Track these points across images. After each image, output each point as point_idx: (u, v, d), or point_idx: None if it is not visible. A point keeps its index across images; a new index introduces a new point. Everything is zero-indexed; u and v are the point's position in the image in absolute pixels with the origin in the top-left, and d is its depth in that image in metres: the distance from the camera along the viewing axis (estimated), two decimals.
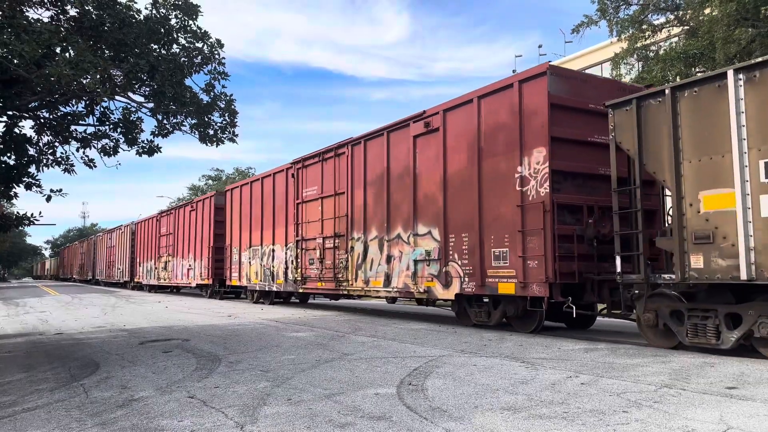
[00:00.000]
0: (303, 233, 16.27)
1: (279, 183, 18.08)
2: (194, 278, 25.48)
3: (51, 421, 4.96)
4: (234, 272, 21.11)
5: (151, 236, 32.81)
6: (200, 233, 24.96)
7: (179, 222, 27.94)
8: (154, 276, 31.75)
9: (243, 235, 20.42)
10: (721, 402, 5.02)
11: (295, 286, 16.68)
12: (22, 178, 10.02)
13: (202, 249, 24.69)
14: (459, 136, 11.30)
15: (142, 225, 35.19)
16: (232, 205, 21.53)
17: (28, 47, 6.89)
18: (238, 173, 54.50)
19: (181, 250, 27.47)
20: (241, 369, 7.12)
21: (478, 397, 5.41)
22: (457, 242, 11.14)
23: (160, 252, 30.63)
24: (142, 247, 34.70)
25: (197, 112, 9.42)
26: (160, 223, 31.05)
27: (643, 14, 17.77)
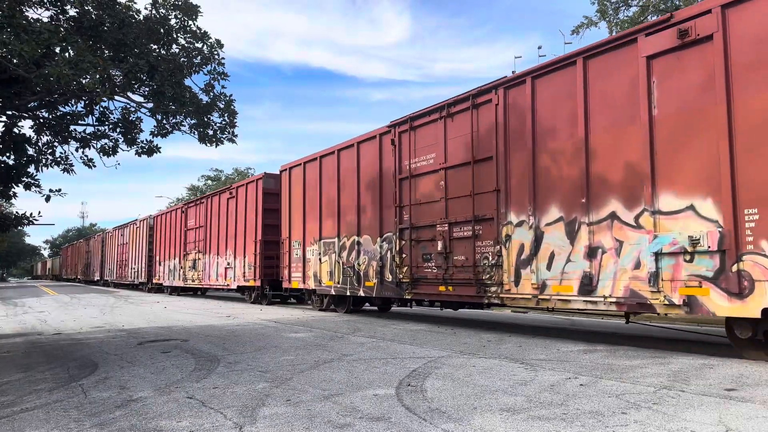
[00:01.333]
0: (412, 218, 12.25)
1: (367, 154, 13.91)
2: (234, 279, 21.39)
3: (49, 421, 4.95)
4: (295, 272, 16.97)
5: (174, 231, 28.51)
6: (243, 224, 20.85)
7: (212, 212, 23.75)
8: (179, 276, 27.49)
9: (309, 225, 16.34)
10: (720, 404, 5.02)
11: (398, 289, 12.56)
12: (22, 177, 10.03)
13: (245, 244, 20.55)
14: (758, 44, 7.00)
15: (162, 218, 30.83)
16: (292, 188, 17.36)
17: (27, 47, 6.88)
18: (237, 173, 54.52)
19: (215, 245, 23.33)
20: (239, 369, 7.11)
21: (477, 398, 5.40)
22: (764, 220, 6.81)
23: (187, 248, 26.43)
24: (162, 244, 30.53)
25: (196, 112, 9.41)
26: (187, 215, 26.72)
27: (642, 15, 17.79)
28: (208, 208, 24.29)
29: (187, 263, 26.40)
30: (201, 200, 25.43)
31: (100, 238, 48.46)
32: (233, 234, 21.62)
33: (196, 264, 25.26)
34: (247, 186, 21.01)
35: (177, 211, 28.48)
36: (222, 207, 22.85)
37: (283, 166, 17.98)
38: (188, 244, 26.35)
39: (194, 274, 25.40)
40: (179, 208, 28.11)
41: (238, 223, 21.26)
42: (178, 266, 27.77)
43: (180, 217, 27.69)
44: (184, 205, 27.51)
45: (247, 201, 20.72)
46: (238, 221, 21.26)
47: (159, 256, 30.96)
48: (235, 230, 21.49)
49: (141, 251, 34.67)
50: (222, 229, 22.71)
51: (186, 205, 27.18)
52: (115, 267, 41.58)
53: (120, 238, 40.50)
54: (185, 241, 26.74)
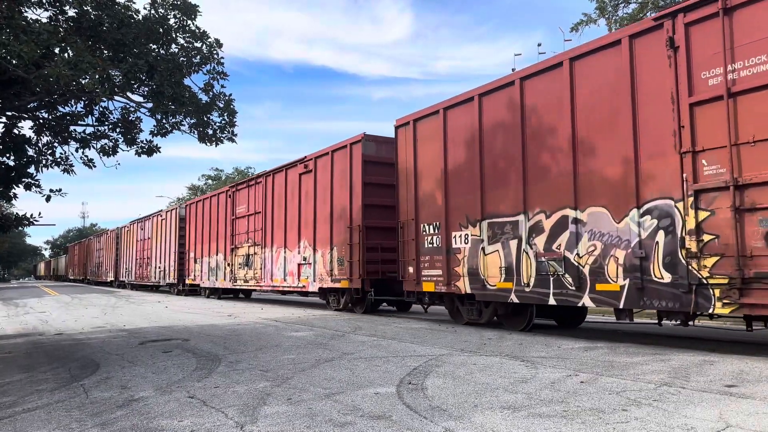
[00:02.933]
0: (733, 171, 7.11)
1: (601, 71, 8.77)
2: (314, 279, 16.38)
3: (51, 421, 4.96)
4: (430, 268, 11.85)
5: (216, 220, 23.65)
6: (327, 206, 15.80)
7: (275, 193, 18.86)
8: (225, 275, 22.51)
9: (455, 198, 11.37)
10: (720, 400, 5.03)
11: (691, 297, 7.42)
12: (22, 178, 10.03)
13: (331, 232, 15.56)
14: None
15: (198, 207, 26.02)
16: (419, 148, 12.34)
17: (26, 48, 6.88)
18: (237, 173, 54.58)
19: (280, 236, 18.29)
20: (241, 369, 7.12)
21: (477, 395, 5.41)
22: None
23: (236, 241, 21.52)
24: (198, 237, 25.59)
25: (196, 111, 9.42)
26: (235, 200, 21.80)
27: (642, 12, 17.78)
28: (267, 189, 19.29)
29: (236, 259, 21.33)
30: (256, 180, 20.29)
31: (114, 234, 43.60)
32: (310, 220, 16.53)
33: (250, 260, 20.16)
34: (334, 155, 15.72)
35: (220, 197, 23.46)
36: (291, 186, 17.86)
37: (401, 120, 12.92)
38: (238, 235, 21.31)
39: (247, 272, 20.37)
40: (223, 192, 23.15)
41: (320, 205, 16.22)
42: (222, 263, 22.71)
43: (225, 204, 22.68)
44: (230, 188, 22.52)
45: (334, 175, 15.68)
46: (320, 203, 16.24)
47: (194, 251, 25.91)
48: (315, 215, 16.37)
49: (168, 247, 29.61)
50: (291, 214, 17.65)
51: (234, 188, 22.09)
52: (134, 266, 36.78)
53: (139, 233, 35.65)
54: (233, 232, 21.63)
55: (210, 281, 24.31)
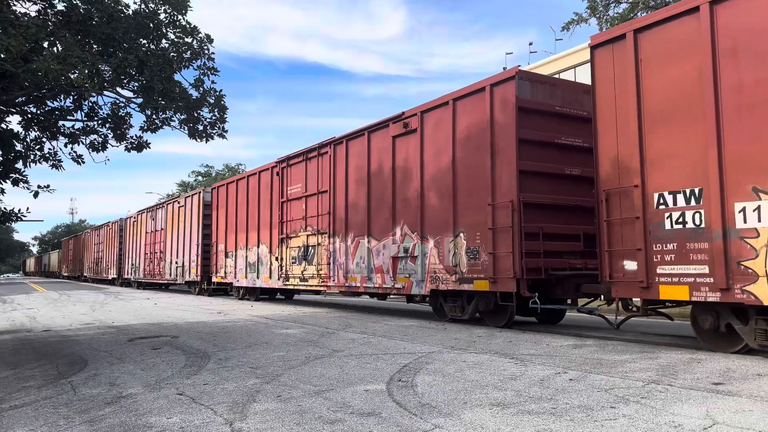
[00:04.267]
0: None
1: None
2: (421, 277, 11.89)
3: (38, 418, 4.92)
4: (686, 261, 7.51)
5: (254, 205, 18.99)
6: (449, 175, 11.42)
7: (359, 165, 13.99)
8: (271, 272, 17.74)
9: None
10: (707, 397, 5.07)
11: None
12: (9, 173, 9.93)
13: (455, 210, 11.21)
14: None
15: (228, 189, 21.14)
16: None
17: (14, 42, 6.81)
18: (228, 169, 54.38)
19: (360, 221, 13.88)
20: (230, 366, 7.10)
21: (467, 393, 5.43)
22: None
23: (287, 230, 16.92)
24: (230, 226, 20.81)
25: (186, 107, 9.36)
26: (287, 178, 17.10)
27: (632, 12, 17.86)
28: (337, 160, 14.78)
29: (287, 252, 16.90)
30: (319, 150, 15.48)
31: (117, 226, 39.04)
32: (414, 197, 12.07)
33: (309, 253, 15.78)
34: (457, 105, 11.31)
35: (262, 175, 18.66)
36: (378, 154, 13.28)
37: (604, 35, 8.83)
38: (290, 222, 16.83)
39: (306, 269, 15.86)
40: (267, 170, 18.32)
41: (431, 174, 11.79)
42: (266, 258, 18.11)
43: (269, 183, 18.05)
44: (278, 163, 17.59)
45: (458, 132, 11.25)
46: (430, 171, 11.81)
47: (225, 243, 21.23)
48: (422, 190, 11.94)
49: (188, 239, 25.15)
50: (379, 191, 13.19)
51: (284, 163, 17.26)
52: (142, 262, 32.32)
53: (149, 224, 31.27)
54: (283, 218, 17.11)
55: (248, 279, 19.41)
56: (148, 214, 31.86)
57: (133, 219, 35.01)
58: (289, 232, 16.89)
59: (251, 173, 19.65)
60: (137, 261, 33.54)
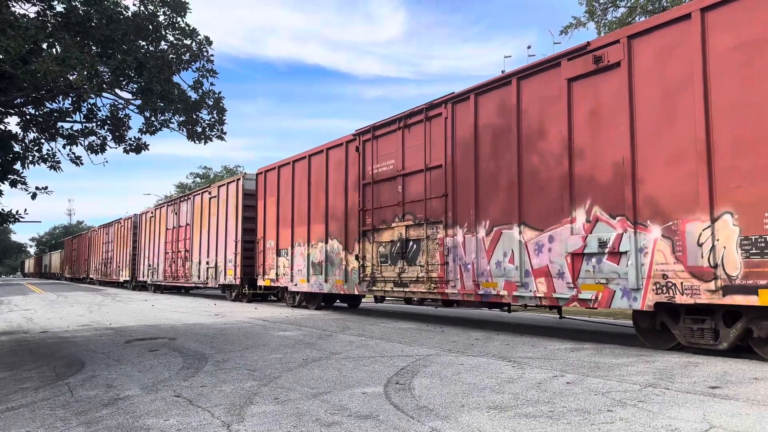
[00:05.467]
0: None
1: None
2: (638, 282, 8.02)
3: (35, 420, 4.92)
4: None
5: (319, 190, 15.50)
6: (699, 127, 7.50)
7: (506, 126, 10.30)
8: (346, 274, 14.21)
9: None
10: (704, 401, 5.08)
11: None
12: (7, 175, 9.92)
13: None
14: None
15: (281, 173, 17.52)
16: None
17: (13, 43, 6.81)
18: (226, 171, 54.36)
19: (502, 204, 10.26)
20: (227, 368, 7.10)
21: (464, 396, 5.43)
22: None
23: (373, 219, 13.36)
24: (281, 218, 17.26)
25: (185, 109, 9.37)
26: (370, 154, 13.65)
27: (630, 16, 17.92)
28: (458, 123, 11.20)
29: (373, 249, 13.19)
30: (426, 113, 11.92)
31: (130, 223, 35.32)
32: (625, 162, 8.33)
33: (409, 249, 12.20)
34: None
35: (331, 153, 15.07)
36: (537, 108, 9.74)
37: None
38: (377, 210, 13.19)
39: (404, 269, 12.23)
40: (339, 145, 14.65)
41: (666, 129, 7.96)
42: (338, 255, 14.48)
43: (343, 162, 14.40)
44: (356, 137, 13.99)
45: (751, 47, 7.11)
46: (665, 122, 7.97)
47: (275, 239, 17.43)
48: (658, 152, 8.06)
49: (222, 235, 21.50)
50: (549, 160, 9.51)
51: (367, 134, 13.64)
52: (162, 263, 28.43)
53: (171, 219, 27.47)
54: (366, 204, 13.55)
55: (312, 283, 15.56)
56: (169, 207, 27.84)
57: (150, 214, 31.19)
58: (376, 222, 13.19)
59: (315, 151, 15.85)
60: (155, 261, 29.66)
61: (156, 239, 29.72)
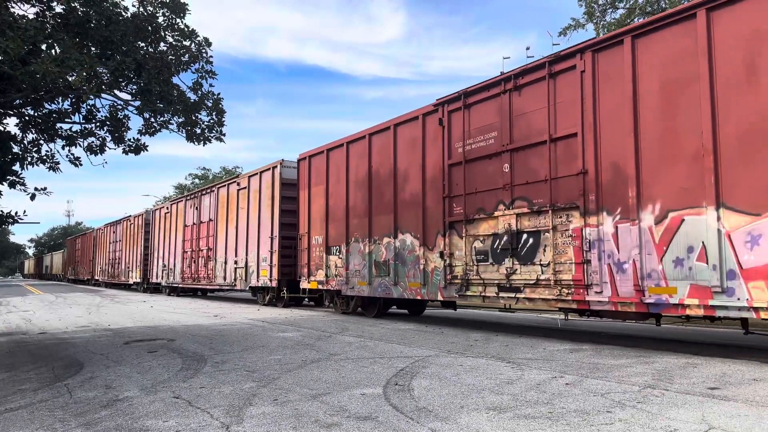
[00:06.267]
0: None
1: None
2: None
3: (34, 421, 4.91)
4: None
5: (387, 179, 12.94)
6: None
7: None
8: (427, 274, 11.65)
9: None
10: (703, 402, 5.08)
11: None
12: (6, 176, 9.91)
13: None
14: None
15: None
16: None
17: (12, 44, 6.81)
18: (225, 172, 54.33)
19: None
20: (227, 369, 7.09)
21: (463, 397, 5.43)
22: None
23: (471, 205, 10.67)
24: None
25: (184, 110, 9.36)
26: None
27: (629, 18, 17.94)
28: (602, 76, 8.79)
29: (466, 244, 10.68)
30: (552, 66, 9.46)
31: (142, 220, 32.70)
32: None
33: (521, 244, 9.72)
34: None
35: (401, 129, 12.61)
36: (752, 44, 7.07)
37: None
38: (469, 196, 10.72)
39: (518, 271, 9.67)
40: (415, 118, 12.15)
41: None
42: (414, 252, 11.97)
43: (420, 140, 11.98)
44: (440, 107, 11.51)
45: None
46: None
47: (324, 234, 15.06)
48: None
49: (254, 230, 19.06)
50: None
51: (455, 103, 11.18)
52: (179, 263, 25.61)
53: (190, 214, 24.74)
54: (452, 191, 11.12)
55: (375, 286, 13.14)
56: (188, 202, 25.16)
57: (165, 210, 28.31)
58: (469, 212, 10.65)
59: (377, 128, 13.34)
60: (171, 261, 26.89)
61: (172, 237, 27.02)
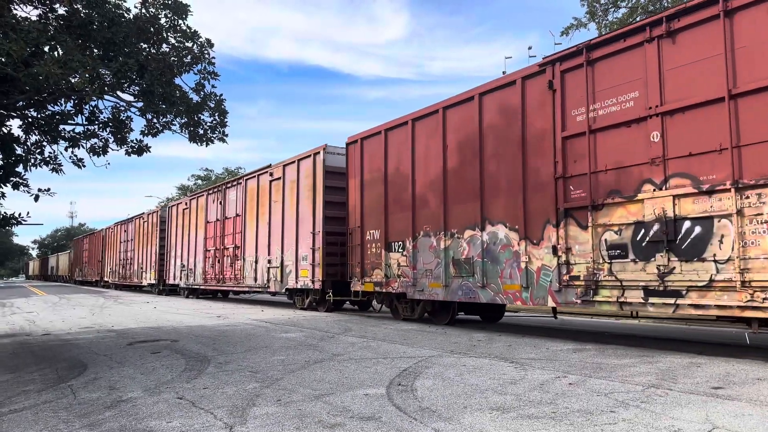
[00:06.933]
0: None
1: None
2: None
3: (38, 422, 4.92)
4: None
5: None
6: None
7: None
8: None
9: None
10: (707, 402, 5.07)
11: None
12: (10, 177, 9.94)
13: None
14: None
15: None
16: None
17: (15, 46, 6.83)
18: (227, 173, 54.42)
19: None
20: (230, 370, 7.10)
21: (467, 397, 5.43)
22: None
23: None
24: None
25: (187, 111, 9.38)
26: None
27: (632, 17, 17.92)
28: None
29: (594, 236, 8.75)
30: None
31: (156, 217, 30.46)
32: None
33: (691, 236, 7.60)
34: None
35: (488, 99, 10.73)
36: None
37: None
38: (594, 176, 8.82)
39: (693, 270, 7.51)
40: (509, 84, 10.32)
41: None
42: (508, 248, 10.16)
43: (518, 109, 10.04)
44: (547, 66, 9.53)
45: None
46: None
47: (382, 228, 13.21)
48: None
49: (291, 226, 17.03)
50: None
51: (571, 60, 9.20)
52: (201, 262, 23.61)
53: (213, 210, 22.73)
54: (567, 170, 9.20)
55: (452, 288, 11.16)
56: (210, 196, 23.17)
57: (184, 206, 26.13)
58: (596, 195, 8.75)
59: (456, 100, 11.33)
60: (191, 261, 24.78)
61: (192, 235, 24.85)
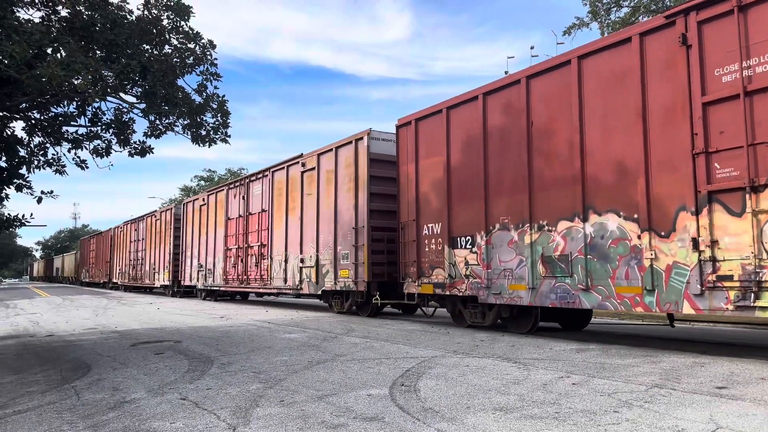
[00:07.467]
0: None
1: None
2: None
3: (42, 423, 4.93)
4: None
5: None
6: None
7: None
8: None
9: None
10: (710, 402, 5.06)
11: None
12: (13, 179, 9.97)
13: None
14: None
15: None
16: None
17: (18, 48, 6.85)
18: (230, 173, 54.47)
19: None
20: (233, 370, 7.11)
21: (470, 397, 5.43)
22: None
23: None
24: None
25: (189, 112, 9.40)
26: None
27: (634, 16, 17.89)
28: None
29: (757, 226, 6.76)
30: None
31: (171, 215, 28.84)
32: None
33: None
34: None
35: (588, 64, 8.86)
36: None
37: None
38: (750, 149, 6.86)
39: None
40: (629, 37, 8.36)
41: None
42: (620, 240, 8.32)
43: (642, 71, 8.13)
44: (677, 17, 7.64)
45: None
46: None
47: (444, 221, 11.57)
48: None
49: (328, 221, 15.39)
50: None
51: (718, 5, 7.22)
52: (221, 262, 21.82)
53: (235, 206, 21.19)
54: (709, 144, 7.25)
55: (541, 290, 9.45)
56: (232, 191, 21.57)
57: (201, 202, 24.42)
58: (756, 173, 6.86)
59: (541, 68, 9.74)
60: (210, 261, 23.07)
61: (210, 233, 23.17)
